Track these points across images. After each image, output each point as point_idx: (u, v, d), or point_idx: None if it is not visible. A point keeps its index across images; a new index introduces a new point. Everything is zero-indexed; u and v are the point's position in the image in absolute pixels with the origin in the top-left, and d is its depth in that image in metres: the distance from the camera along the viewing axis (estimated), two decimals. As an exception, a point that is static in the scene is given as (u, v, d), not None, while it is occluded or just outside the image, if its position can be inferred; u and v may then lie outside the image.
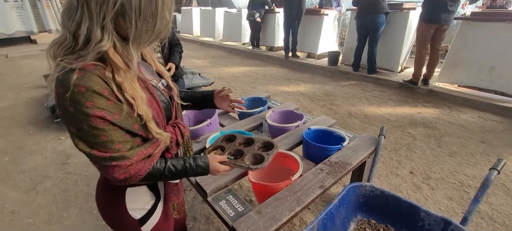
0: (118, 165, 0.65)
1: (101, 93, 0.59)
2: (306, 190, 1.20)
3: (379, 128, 2.93)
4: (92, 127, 0.60)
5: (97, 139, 0.62)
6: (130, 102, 0.64)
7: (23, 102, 3.87)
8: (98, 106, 0.59)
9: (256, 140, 1.10)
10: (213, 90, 1.10)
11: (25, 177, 2.23)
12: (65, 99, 0.57)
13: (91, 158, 0.64)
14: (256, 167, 0.95)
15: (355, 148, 1.53)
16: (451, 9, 3.48)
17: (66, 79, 0.57)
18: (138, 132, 0.68)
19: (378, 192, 1.33)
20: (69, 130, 0.62)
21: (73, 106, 0.58)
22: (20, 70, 5.74)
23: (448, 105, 3.48)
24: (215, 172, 0.87)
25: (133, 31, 0.60)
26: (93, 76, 0.59)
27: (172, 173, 0.77)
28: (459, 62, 3.69)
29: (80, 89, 0.57)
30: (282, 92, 4.14)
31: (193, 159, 0.82)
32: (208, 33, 8.96)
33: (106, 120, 0.61)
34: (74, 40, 0.59)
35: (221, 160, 0.89)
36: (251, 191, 2.01)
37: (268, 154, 1.01)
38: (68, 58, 0.59)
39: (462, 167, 2.24)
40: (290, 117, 1.90)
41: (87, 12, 0.57)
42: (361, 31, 4.41)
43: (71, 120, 0.60)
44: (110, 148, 0.63)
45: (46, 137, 2.86)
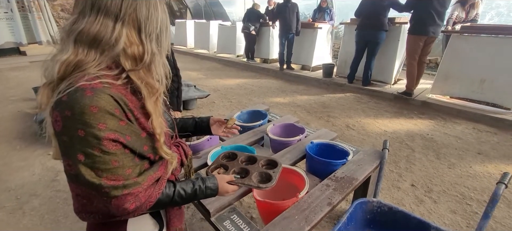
0: (130, 193, 0.59)
1: (114, 114, 0.54)
2: (314, 208, 1.15)
3: (377, 140, 2.93)
4: (104, 152, 0.54)
5: (108, 165, 0.55)
6: (140, 121, 0.60)
7: (10, 116, 3.72)
8: (111, 128, 0.54)
9: (258, 158, 1.08)
10: (208, 118, 1.10)
11: (10, 196, 2.10)
12: (74, 123, 0.52)
13: (100, 190, 0.56)
14: (266, 186, 0.93)
15: (359, 162, 1.49)
16: (438, 22, 3.62)
17: (75, 99, 0.51)
18: (147, 153, 0.63)
19: (385, 208, 1.29)
20: (75, 158, 0.54)
21: (83, 130, 0.52)
22: (7, 83, 5.56)
23: (442, 116, 3.53)
24: (224, 193, 0.84)
25: (164, 39, 0.65)
26: (104, 95, 0.53)
27: (182, 197, 0.72)
28: (450, 75, 3.77)
29: (92, 110, 0.51)
30: (278, 104, 4.12)
31: (202, 180, 0.78)
32: (203, 46, 8.97)
33: (119, 142, 0.56)
34: (102, 56, 0.57)
35: (229, 180, 0.87)
36: (251, 207, 1.94)
37: (274, 172, 1.00)
38: (72, 77, 0.54)
39: (462, 179, 2.24)
40: (291, 130, 1.87)
41: (130, 27, 0.59)
42: (360, 44, 4.44)
43: (80, 145, 0.53)
44: (121, 174, 0.57)
45: (34, 152, 2.73)
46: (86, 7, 0.56)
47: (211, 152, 1.49)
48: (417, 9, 3.69)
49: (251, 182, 0.93)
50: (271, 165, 1.07)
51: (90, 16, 0.56)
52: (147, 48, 0.60)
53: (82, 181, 0.55)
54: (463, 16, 4.19)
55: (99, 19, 0.56)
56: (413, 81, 3.96)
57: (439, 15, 3.58)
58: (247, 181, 0.93)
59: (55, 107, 0.54)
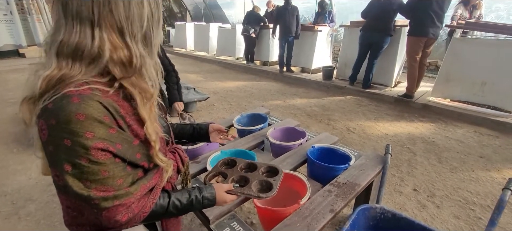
0: (121, 204, 0.56)
1: (102, 121, 0.51)
2: (316, 215, 1.12)
3: (378, 143, 2.90)
4: (92, 162, 0.51)
5: (97, 175, 0.52)
6: (133, 128, 0.56)
7: (8, 119, 3.69)
8: (100, 137, 0.51)
9: (258, 165, 1.05)
10: (207, 125, 1.08)
11: (6, 201, 2.06)
12: (59, 132, 0.49)
13: (89, 201, 0.53)
14: (266, 195, 0.90)
15: (361, 167, 1.47)
16: (438, 24, 3.61)
17: (60, 107, 0.48)
18: (140, 162, 0.60)
19: (389, 214, 1.26)
20: (61, 169, 0.51)
21: (70, 139, 0.49)
22: (6, 85, 5.54)
23: (443, 120, 3.50)
24: (222, 203, 0.81)
25: (153, 39, 0.60)
26: (92, 102, 0.50)
27: (177, 208, 0.69)
28: (451, 78, 3.75)
29: (78, 117, 0.48)
30: (278, 107, 4.10)
31: (199, 190, 0.75)
32: (202, 48, 8.97)
33: (109, 151, 0.53)
34: (88, 67, 0.53)
35: (228, 189, 0.84)
36: (252, 212, 1.91)
37: (275, 180, 0.97)
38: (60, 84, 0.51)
39: (464, 183, 2.21)
40: (292, 134, 1.84)
41: (107, 30, 0.53)
42: (363, 46, 4.39)
43: (67, 155, 0.50)
44: (111, 184, 0.54)
45: (31, 156, 2.70)
46: (61, 16, 0.52)
47: (210, 157, 1.46)
48: (417, 11, 3.69)
49: (250, 191, 0.89)
50: (272, 172, 1.04)
51: (67, 25, 0.52)
52: (134, 51, 0.56)
53: (71, 192, 0.52)
54: (467, 15, 4.18)
55: (75, 27, 0.51)
56: (414, 84, 3.94)
57: (438, 17, 3.59)
58: (247, 190, 0.89)
59: (40, 116, 0.51)
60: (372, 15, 4.16)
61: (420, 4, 3.61)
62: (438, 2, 3.51)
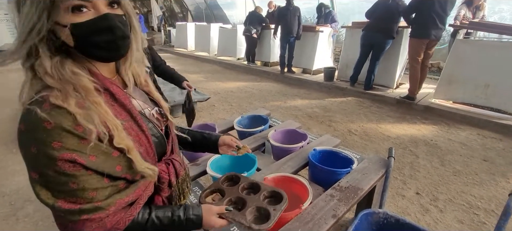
0: (90, 219, 0.52)
1: (73, 131, 0.48)
2: (318, 220, 1.09)
3: (380, 145, 2.88)
4: (58, 173, 0.48)
5: (65, 186, 0.49)
6: (111, 134, 0.52)
7: (7, 118, 3.68)
8: (68, 148, 0.48)
9: (262, 188, 0.94)
10: (218, 137, 0.99)
11: (4, 202, 2.04)
12: (26, 138, 0.47)
13: (55, 212, 0.52)
14: (259, 228, 0.77)
15: (364, 171, 1.44)
16: (440, 26, 3.58)
17: (30, 112, 0.47)
18: (121, 174, 0.56)
19: (392, 219, 1.23)
20: (29, 175, 0.50)
21: (35, 147, 0.47)
22: (6, 84, 5.53)
23: (446, 122, 3.47)
24: (209, 227, 0.72)
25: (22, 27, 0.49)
26: (62, 110, 0.48)
27: (155, 227, 0.63)
28: (454, 79, 3.72)
29: (45, 125, 0.46)
30: (279, 108, 4.07)
31: (184, 209, 0.68)
32: (203, 48, 8.95)
33: (77, 163, 0.49)
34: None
35: (219, 211, 0.74)
36: (252, 215, 1.88)
37: (275, 209, 0.84)
38: (29, 84, 0.50)
39: (468, 187, 2.18)
40: (293, 136, 1.81)
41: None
42: (365, 46, 4.34)
43: (33, 163, 0.49)
44: (81, 197, 0.51)
45: (30, 156, 2.68)
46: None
47: (210, 159, 1.44)
48: (419, 13, 3.66)
49: (243, 219, 0.77)
50: (275, 198, 0.92)
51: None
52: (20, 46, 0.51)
53: (38, 198, 0.50)
54: (470, 16, 4.15)
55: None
56: (416, 85, 3.91)
57: (441, 18, 3.56)
58: (239, 217, 0.78)
59: (19, 119, 0.49)
60: (376, 16, 4.12)
61: (422, 5, 3.58)
62: (440, 4, 3.48)
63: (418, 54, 3.75)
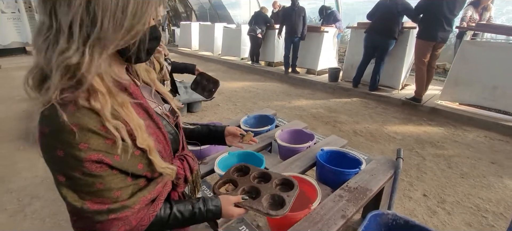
0: (117, 218, 0.53)
1: (98, 132, 0.47)
2: (327, 220, 1.09)
3: (386, 147, 2.86)
4: (86, 174, 0.48)
5: (92, 187, 0.49)
6: (133, 135, 0.52)
7: (14, 116, 3.71)
8: (94, 148, 0.47)
9: (273, 176, 0.97)
10: (223, 128, 1.01)
11: (12, 198, 2.06)
12: (52, 141, 0.46)
13: (83, 213, 0.51)
14: (277, 213, 0.81)
15: (373, 171, 1.43)
16: (447, 28, 3.56)
17: (54, 115, 0.45)
18: (143, 172, 0.56)
19: (401, 221, 1.22)
20: (55, 178, 0.49)
21: (63, 150, 0.46)
22: (13, 82, 5.58)
23: (452, 124, 3.44)
24: (228, 216, 0.75)
25: (96, 31, 0.46)
26: (87, 111, 0.47)
27: (178, 220, 0.64)
28: (461, 81, 3.68)
29: (72, 128, 0.45)
30: (283, 108, 4.07)
31: (203, 202, 0.70)
32: (207, 48, 8.97)
33: (104, 163, 0.49)
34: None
35: (236, 201, 0.77)
36: (258, 215, 1.88)
37: (288, 196, 0.88)
38: (58, 86, 0.47)
39: (476, 190, 2.16)
40: (300, 136, 1.81)
41: (55, 21, 0.45)
42: (368, 49, 4.35)
43: (60, 166, 0.48)
44: (107, 197, 0.51)
45: (37, 153, 2.67)
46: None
47: (218, 158, 1.44)
48: (427, 14, 3.64)
49: (260, 206, 0.82)
50: (287, 185, 0.96)
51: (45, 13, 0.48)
52: (72, 47, 0.46)
53: (65, 201, 0.50)
54: (477, 17, 4.11)
55: (43, 15, 0.48)
56: (423, 87, 3.88)
57: (448, 21, 3.54)
58: (256, 204, 0.82)
59: (39, 122, 0.47)
60: (377, 17, 4.13)
61: (431, 7, 3.55)
62: (448, 6, 3.44)
63: (425, 55, 3.73)
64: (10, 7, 7.77)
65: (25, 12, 8.06)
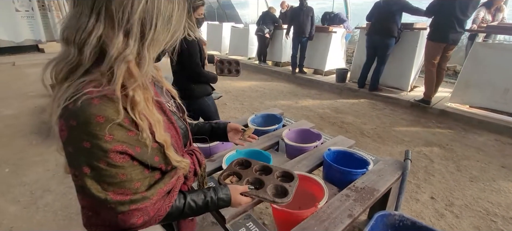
0: (138, 208, 0.55)
1: (122, 124, 0.50)
2: (334, 219, 1.09)
3: (393, 148, 2.83)
4: (110, 165, 0.50)
5: (115, 178, 0.51)
6: (152, 129, 0.55)
7: (27, 111, 3.81)
8: (118, 139, 0.50)
9: (274, 169, 1.03)
10: (225, 124, 1.05)
11: (25, 190, 2.13)
12: (79, 133, 0.48)
13: (105, 204, 0.52)
14: (282, 201, 0.88)
15: (380, 172, 1.43)
16: (459, 30, 3.50)
17: (81, 108, 0.47)
18: (158, 164, 0.58)
19: (408, 222, 1.22)
20: (80, 170, 0.51)
21: (90, 142, 0.48)
22: (26, 79, 5.73)
23: (462, 126, 3.39)
24: (236, 205, 0.80)
25: (152, 34, 0.50)
26: (110, 104, 0.49)
27: (192, 209, 0.68)
28: (472, 83, 3.62)
29: (98, 120, 0.47)
30: (290, 108, 4.07)
31: (214, 191, 0.74)
32: (215, 47, 9.02)
33: (127, 154, 0.51)
34: (80, 54, 0.49)
35: (243, 191, 0.82)
36: (263, 213, 1.90)
37: (290, 186, 0.95)
38: (78, 82, 0.50)
39: (485, 193, 2.12)
40: (307, 136, 1.81)
41: (104, 17, 0.48)
42: (370, 49, 4.41)
43: (86, 158, 0.49)
44: (128, 188, 0.53)
45: (49, 148, 2.77)
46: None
47: (225, 156, 1.46)
48: (438, 15, 3.58)
49: (266, 195, 0.88)
50: (287, 177, 1.03)
51: (84, 11, 0.49)
52: (117, 41, 0.49)
53: (88, 194, 0.52)
54: (490, 19, 4.03)
55: (81, 12, 0.49)
56: (432, 89, 3.83)
57: (460, 23, 3.47)
58: (262, 193, 0.88)
59: (61, 116, 0.49)
60: (375, 18, 4.18)
61: (442, 8, 3.50)
62: (461, 7, 3.38)
63: (434, 57, 3.69)
64: (24, 5, 7.96)
65: (39, 11, 8.24)
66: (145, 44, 0.51)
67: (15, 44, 8.13)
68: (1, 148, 2.78)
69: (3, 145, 2.84)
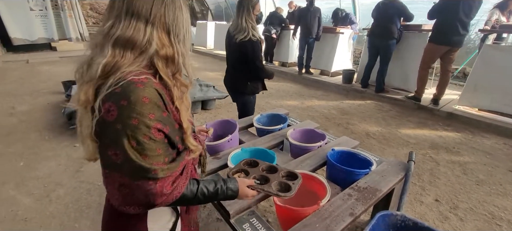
0: (164, 178, 0.63)
1: (159, 105, 0.60)
2: (335, 217, 1.12)
3: (398, 150, 2.83)
4: (151, 140, 0.59)
5: (154, 152, 0.60)
6: (174, 114, 0.66)
7: (40, 107, 3.94)
8: (157, 118, 0.60)
9: (279, 168, 1.13)
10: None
11: (38, 184, 2.21)
12: (129, 111, 0.56)
13: (149, 172, 0.60)
14: (285, 195, 0.97)
15: (383, 173, 1.44)
16: (462, 32, 3.49)
17: (130, 91, 0.57)
18: (177, 144, 0.68)
19: (410, 222, 1.23)
20: (129, 145, 0.58)
21: (137, 119, 0.57)
22: (39, 76, 5.90)
23: (470, 130, 3.35)
24: (243, 196, 0.87)
25: (188, 42, 0.69)
26: (151, 88, 0.59)
27: (204, 195, 0.75)
28: (481, 86, 3.57)
29: (144, 100, 0.57)
30: (296, 108, 4.09)
31: (224, 181, 0.82)
32: (222, 47, 9.07)
33: (163, 132, 0.61)
34: (137, 58, 0.63)
35: (250, 184, 0.90)
36: (267, 211, 1.93)
37: (293, 183, 1.04)
38: (119, 72, 0.59)
39: (491, 197, 2.11)
40: (312, 136, 1.84)
41: (159, 30, 0.64)
42: (370, 50, 4.52)
43: (133, 133, 0.57)
44: (162, 161, 0.62)
45: (61, 144, 2.87)
46: (122, 12, 0.61)
47: (231, 154, 1.50)
48: (441, 18, 3.60)
49: (270, 189, 0.96)
50: (291, 177, 1.10)
51: (125, 20, 0.61)
52: (176, 49, 0.66)
53: (132, 166, 0.59)
54: (505, 20, 3.96)
55: (132, 24, 0.61)
56: (423, 88, 3.96)
57: (464, 25, 3.46)
58: (267, 187, 0.96)
59: (107, 99, 0.57)
60: (375, 20, 4.29)
61: (445, 11, 3.51)
62: (464, 9, 3.38)
63: (432, 59, 3.76)
64: (38, 5, 8.20)
65: (52, 10, 8.46)
66: (187, 51, 0.69)
67: (29, 42, 8.37)
68: (16, 142, 2.88)
69: (18, 140, 2.95)
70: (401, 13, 4.03)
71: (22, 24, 8.04)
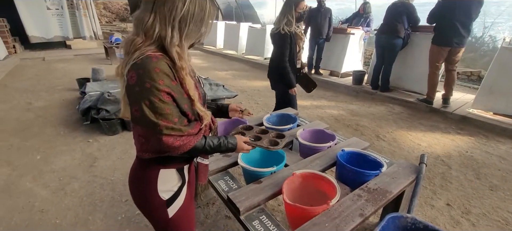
0: (174, 135, 0.78)
1: (168, 75, 0.76)
2: (345, 217, 1.12)
3: (409, 153, 2.79)
4: (161, 101, 0.74)
5: (163, 111, 0.75)
6: (183, 84, 0.81)
7: (56, 104, 4.06)
8: (166, 84, 0.75)
9: (270, 131, 1.39)
10: (228, 105, 1.32)
11: (54, 177, 2.29)
12: (144, 77, 0.73)
13: (156, 127, 0.75)
14: (274, 148, 1.22)
15: (394, 175, 1.43)
16: (463, 33, 3.48)
17: (146, 62, 0.74)
18: (187, 111, 0.83)
19: (421, 225, 1.22)
20: (142, 103, 0.74)
21: (149, 83, 0.73)
22: (55, 73, 6.08)
23: (484, 134, 3.27)
24: (240, 150, 1.04)
25: (186, 31, 0.80)
26: (163, 62, 0.76)
27: (210, 147, 0.92)
28: (496, 89, 3.48)
29: (156, 70, 0.73)
30: (304, 109, 4.08)
31: (225, 137, 0.99)
32: (232, 47, 9.14)
33: (171, 95, 0.77)
34: (146, 37, 0.77)
35: (246, 140, 1.08)
36: (275, 210, 1.94)
37: (281, 141, 1.28)
38: (140, 50, 0.76)
39: (505, 203, 2.06)
40: (321, 136, 1.84)
41: (159, 17, 0.77)
42: (377, 50, 4.57)
43: (147, 94, 0.73)
44: (170, 120, 0.77)
45: (75, 139, 2.96)
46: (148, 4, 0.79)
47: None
48: (441, 21, 3.59)
49: (262, 143, 1.22)
50: (280, 137, 1.34)
51: (147, 10, 0.78)
52: (168, 33, 0.78)
53: (146, 121, 0.75)
54: None
55: (145, 11, 0.78)
56: (434, 90, 3.91)
57: (465, 26, 3.43)
58: (260, 143, 1.22)
59: (131, 69, 0.75)
60: (385, 19, 4.34)
61: (445, 13, 3.50)
62: (464, 11, 3.37)
63: (437, 61, 3.74)
64: (54, 4, 8.45)
65: (67, 9, 8.71)
66: (183, 36, 0.80)
67: (45, 40, 8.64)
68: (33, 137, 2.99)
69: (35, 134, 3.05)
70: (409, 14, 4.06)
71: (39, 23, 8.31)
